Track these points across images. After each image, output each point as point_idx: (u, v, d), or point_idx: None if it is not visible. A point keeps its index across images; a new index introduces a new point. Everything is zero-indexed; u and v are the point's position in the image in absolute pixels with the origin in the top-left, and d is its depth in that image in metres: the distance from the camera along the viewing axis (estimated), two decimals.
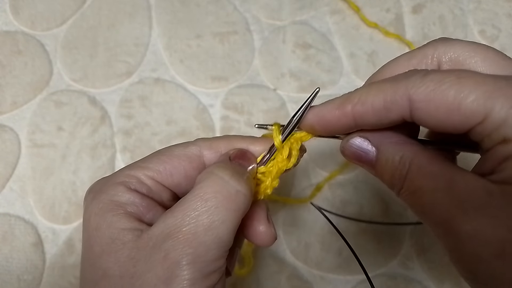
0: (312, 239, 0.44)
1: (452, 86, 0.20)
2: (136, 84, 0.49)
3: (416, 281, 0.42)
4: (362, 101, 0.23)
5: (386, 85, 0.23)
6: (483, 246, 0.20)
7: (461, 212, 0.20)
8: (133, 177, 0.26)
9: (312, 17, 0.51)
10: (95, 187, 0.26)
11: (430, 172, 0.22)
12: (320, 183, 0.45)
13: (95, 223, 0.24)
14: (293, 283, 0.42)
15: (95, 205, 0.24)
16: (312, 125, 0.26)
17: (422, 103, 0.21)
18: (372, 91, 0.23)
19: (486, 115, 0.20)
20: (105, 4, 0.52)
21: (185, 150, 0.27)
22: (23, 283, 0.42)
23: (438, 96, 0.21)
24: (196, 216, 0.22)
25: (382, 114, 0.23)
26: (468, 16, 0.51)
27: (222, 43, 0.50)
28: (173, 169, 0.26)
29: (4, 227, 0.44)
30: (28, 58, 0.50)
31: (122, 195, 0.25)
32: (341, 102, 0.24)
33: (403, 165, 0.23)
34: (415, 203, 0.23)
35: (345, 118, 0.24)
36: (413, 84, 0.22)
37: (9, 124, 0.47)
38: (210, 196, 0.23)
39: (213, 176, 0.24)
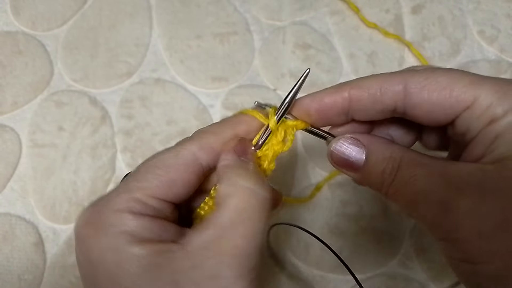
0: (312, 239, 0.44)
1: (444, 75, 0.23)
2: (137, 85, 0.49)
3: (415, 281, 0.42)
4: (360, 85, 0.25)
5: (384, 74, 0.25)
6: (483, 221, 0.20)
7: (458, 191, 0.21)
8: (134, 200, 0.23)
9: (312, 18, 0.52)
10: (92, 220, 0.23)
11: (422, 162, 0.24)
12: (320, 183, 0.45)
13: (114, 259, 0.22)
14: (293, 283, 0.42)
15: (105, 241, 0.22)
16: (308, 110, 0.26)
17: (417, 89, 0.23)
18: (370, 78, 0.25)
19: (475, 98, 0.22)
20: (105, 4, 0.52)
21: (178, 157, 0.25)
22: (24, 283, 0.42)
23: (431, 82, 0.23)
24: (235, 230, 0.22)
25: (377, 99, 0.24)
26: (468, 16, 0.51)
27: (222, 44, 0.50)
28: (172, 181, 0.24)
29: (5, 226, 0.44)
30: (29, 58, 0.50)
31: (131, 223, 0.22)
32: (339, 86, 0.25)
33: (394, 159, 0.24)
34: (407, 192, 0.23)
35: (341, 100, 0.25)
36: (409, 73, 0.24)
37: (10, 124, 0.47)
38: (243, 208, 0.22)
39: (240, 188, 0.23)
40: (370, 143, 0.26)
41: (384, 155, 0.25)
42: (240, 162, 0.25)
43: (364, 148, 0.25)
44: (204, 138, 0.26)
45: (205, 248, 0.22)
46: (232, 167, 0.25)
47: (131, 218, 0.22)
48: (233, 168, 0.25)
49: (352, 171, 0.26)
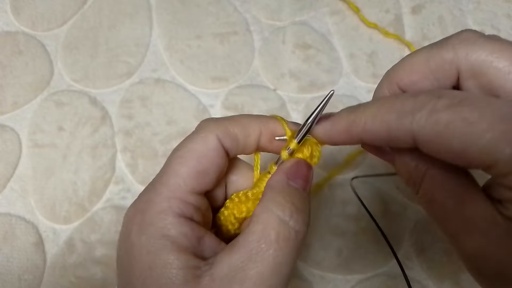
0: (312, 239, 0.44)
1: (458, 132, 0.19)
2: (137, 85, 0.49)
3: (415, 281, 0.42)
4: (368, 130, 0.23)
5: (391, 118, 0.21)
6: (483, 265, 0.21)
7: (467, 232, 0.21)
8: (176, 200, 0.23)
9: (312, 18, 0.52)
10: (136, 218, 0.24)
11: (443, 186, 0.22)
12: (320, 182, 0.45)
13: (149, 262, 0.22)
14: (293, 283, 0.42)
15: (145, 241, 0.22)
16: (322, 140, 0.26)
17: (426, 143, 0.21)
18: (377, 120, 0.22)
19: (493, 164, 0.19)
20: (105, 4, 0.52)
21: (208, 144, 0.24)
22: (24, 283, 0.42)
23: (442, 141, 0.20)
24: (262, 258, 0.22)
25: (389, 144, 0.23)
26: (468, 16, 0.51)
27: (222, 44, 0.50)
28: (207, 171, 0.24)
29: (5, 226, 0.44)
30: (29, 58, 0.50)
31: (172, 228, 0.23)
32: (347, 126, 0.24)
33: (418, 172, 0.23)
34: (428, 210, 0.23)
35: (351, 141, 0.24)
36: (417, 124, 0.20)
37: (10, 124, 0.47)
38: (273, 239, 0.22)
39: (273, 215, 0.23)
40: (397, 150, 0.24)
41: (409, 165, 0.24)
42: (285, 187, 0.25)
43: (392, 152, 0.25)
44: (230, 125, 0.25)
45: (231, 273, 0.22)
46: (274, 190, 0.24)
47: (174, 223, 0.23)
48: (274, 191, 0.24)
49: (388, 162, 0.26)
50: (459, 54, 0.23)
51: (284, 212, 0.23)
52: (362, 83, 0.49)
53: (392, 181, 0.45)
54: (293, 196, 0.24)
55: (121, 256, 0.24)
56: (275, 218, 0.23)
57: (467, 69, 0.23)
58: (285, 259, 0.22)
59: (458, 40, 0.23)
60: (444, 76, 0.24)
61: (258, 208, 0.23)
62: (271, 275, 0.21)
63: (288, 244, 0.22)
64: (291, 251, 0.22)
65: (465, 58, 0.23)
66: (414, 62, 0.25)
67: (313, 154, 0.26)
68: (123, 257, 0.24)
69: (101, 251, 0.43)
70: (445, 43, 0.24)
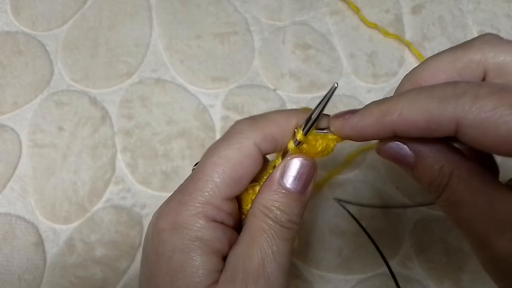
0: (312, 239, 0.44)
1: (504, 117, 0.19)
2: (137, 85, 0.49)
3: (415, 281, 0.42)
4: (404, 118, 0.22)
5: (433, 104, 0.21)
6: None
7: (499, 231, 0.21)
8: (209, 206, 0.24)
9: (312, 18, 0.52)
10: (170, 217, 0.24)
11: (470, 186, 0.22)
12: (320, 182, 0.45)
13: (181, 260, 0.23)
14: (293, 283, 0.42)
15: (178, 240, 0.23)
16: (350, 137, 0.25)
17: (472, 130, 0.20)
18: (416, 107, 0.21)
19: None
20: (105, 4, 0.52)
21: (243, 151, 0.25)
22: (24, 283, 0.42)
23: (489, 126, 0.19)
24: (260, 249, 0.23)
25: (425, 133, 0.22)
26: (468, 16, 0.51)
27: (222, 44, 0.50)
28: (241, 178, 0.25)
29: (5, 226, 0.44)
30: (29, 58, 0.50)
31: (206, 231, 0.23)
32: (380, 116, 0.23)
33: (443, 175, 0.22)
34: (452, 214, 0.23)
35: (384, 132, 0.23)
36: (462, 108, 0.20)
37: (10, 124, 0.47)
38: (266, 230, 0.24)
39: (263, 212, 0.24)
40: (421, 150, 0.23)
41: (433, 168, 0.23)
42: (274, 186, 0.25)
43: (414, 155, 0.23)
44: (266, 127, 0.25)
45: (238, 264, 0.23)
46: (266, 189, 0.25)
47: (206, 226, 0.24)
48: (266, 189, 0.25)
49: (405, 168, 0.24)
50: (486, 54, 0.23)
51: (270, 212, 0.24)
52: (362, 83, 0.49)
53: (392, 181, 0.45)
54: (279, 199, 0.24)
55: (148, 251, 0.25)
56: (265, 215, 0.24)
57: (494, 69, 0.23)
58: (279, 248, 0.23)
59: (483, 42, 0.23)
60: (471, 76, 0.23)
61: (252, 206, 0.25)
62: (270, 263, 0.23)
63: (280, 236, 0.24)
64: (284, 242, 0.24)
65: (493, 58, 0.23)
66: (440, 63, 0.24)
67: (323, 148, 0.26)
68: (151, 252, 0.24)
69: (101, 251, 0.43)
70: (471, 45, 0.24)
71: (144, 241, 0.25)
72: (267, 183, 0.25)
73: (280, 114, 0.26)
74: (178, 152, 0.46)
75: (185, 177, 0.47)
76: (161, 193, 0.45)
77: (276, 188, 0.25)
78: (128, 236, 0.43)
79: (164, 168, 0.46)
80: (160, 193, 0.45)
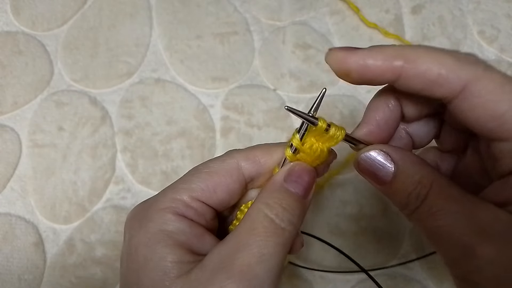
0: (312, 239, 0.44)
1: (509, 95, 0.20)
2: (137, 85, 0.49)
3: (415, 281, 0.42)
4: (417, 64, 0.21)
5: (449, 59, 0.21)
6: (504, 270, 0.20)
7: (483, 237, 0.20)
8: (179, 201, 0.24)
9: (312, 18, 0.52)
10: (139, 214, 0.25)
11: (452, 196, 0.22)
12: (320, 182, 0.45)
13: (144, 255, 0.23)
14: (293, 283, 0.42)
15: (143, 235, 0.23)
16: (350, 71, 0.23)
17: (476, 98, 0.20)
18: (431, 57, 0.21)
19: None
20: (105, 4, 0.52)
21: (223, 164, 0.26)
22: (24, 283, 0.42)
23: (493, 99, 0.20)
24: (248, 249, 0.22)
25: (430, 86, 0.21)
26: (468, 16, 0.51)
27: (222, 44, 0.50)
28: (216, 185, 0.25)
29: (5, 226, 0.44)
30: (29, 58, 0.50)
31: (171, 223, 0.24)
32: (393, 55, 0.22)
33: (423, 186, 0.22)
34: (431, 224, 0.22)
35: (391, 74, 0.22)
36: (476, 73, 0.21)
37: (10, 124, 0.47)
38: (260, 231, 0.23)
39: (261, 212, 0.24)
40: (401, 160, 0.23)
41: (413, 178, 0.23)
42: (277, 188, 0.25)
43: (394, 165, 0.23)
44: (251, 150, 0.27)
45: (219, 262, 0.22)
46: (266, 191, 0.25)
47: (172, 219, 0.24)
48: (266, 191, 0.25)
49: (377, 184, 0.24)
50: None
51: (271, 211, 0.24)
52: None
53: None
54: (282, 198, 0.24)
55: (122, 253, 0.25)
56: (263, 215, 0.23)
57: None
58: (270, 250, 0.22)
59: None
60: None
61: (250, 207, 0.24)
62: (257, 264, 0.22)
63: (274, 239, 0.23)
64: (277, 245, 0.23)
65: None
66: None
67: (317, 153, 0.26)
68: (123, 253, 0.25)
69: (101, 251, 0.43)
70: None
71: (122, 248, 0.26)
72: (268, 185, 0.25)
73: (268, 144, 0.27)
74: (178, 152, 0.46)
75: None
76: None
77: (278, 187, 0.25)
78: None
79: (164, 168, 0.46)
80: None
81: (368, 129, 0.26)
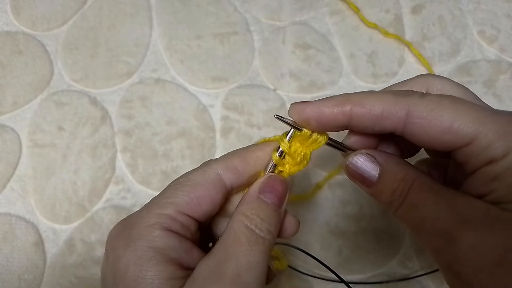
0: (312, 239, 0.44)
1: (447, 109, 0.23)
2: (137, 85, 0.49)
3: (415, 281, 0.42)
4: (362, 104, 0.24)
5: (388, 96, 0.24)
6: (485, 255, 0.21)
7: (463, 224, 0.22)
8: (165, 216, 0.24)
9: (312, 18, 0.52)
10: (123, 232, 0.24)
11: (433, 188, 0.24)
12: (320, 182, 0.45)
13: (136, 274, 0.22)
14: (293, 283, 0.42)
15: (131, 253, 0.23)
16: (308, 119, 0.26)
17: (419, 120, 0.23)
18: (373, 97, 0.24)
19: (475, 137, 0.22)
20: (105, 4, 0.52)
21: (205, 176, 0.26)
22: (24, 283, 0.42)
23: (434, 115, 0.23)
24: (236, 258, 0.23)
25: (378, 121, 0.24)
26: (468, 16, 0.51)
27: (222, 44, 0.50)
28: (200, 198, 0.26)
29: (5, 226, 0.44)
30: (29, 58, 0.50)
31: (160, 240, 0.23)
32: (341, 101, 0.25)
33: (406, 182, 0.24)
34: (415, 216, 0.24)
35: (342, 116, 0.25)
36: (413, 101, 0.23)
37: (10, 124, 0.47)
38: (243, 241, 0.24)
39: (242, 224, 0.25)
40: (385, 162, 0.26)
41: (396, 176, 0.25)
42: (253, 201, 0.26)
43: (379, 166, 0.26)
44: (229, 159, 0.27)
45: (209, 274, 0.23)
46: (244, 202, 0.26)
47: (160, 235, 0.24)
48: (244, 203, 0.26)
49: (365, 186, 0.26)
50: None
51: (251, 222, 0.25)
52: (362, 83, 0.49)
53: None
54: (260, 209, 0.26)
55: (105, 272, 0.24)
56: (244, 226, 0.25)
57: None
58: (256, 258, 0.24)
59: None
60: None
61: (231, 218, 0.25)
62: (245, 272, 0.23)
63: (257, 247, 0.24)
64: (261, 253, 0.24)
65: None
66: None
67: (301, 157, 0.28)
68: (108, 272, 0.24)
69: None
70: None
71: (101, 268, 0.25)
72: (246, 197, 0.26)
73: (242, 149, 0.28)
74: (178, 152, 0.46)
75: None
76: None
77: (255, 199, 0.26)
78: None
79: (164, 168, 0.46)
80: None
81: (355, 137, 0.28)
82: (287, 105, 0.48)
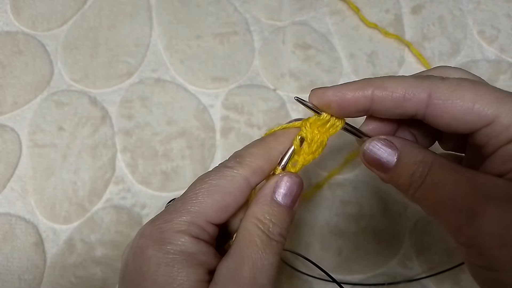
0: (312, 239, 0.44)
1: (468, 90, 0.23)
2: (137, 85, 0.49)
3: (415, 281, 0.42)
4: (384, 87, 0.25)
5: (409, 79, 0.25)
6: (508, 229, 0.21)
7: (485, 200, 0.22)
8: (195, 226, 0.25)
9: (312, 18, 0.52)
10: (154, 234, 0.25)
11: (452, 167, 0.24)
12: (321, 182, 0.45)
13: (167, 274, 0.23)
14: (293, 283, 0.42)
15: (163, 256, 0.24)
16: (330, 103, 0.26)
17: (441, 101, 0.23)
18: (395, 80, 0.25)
19: (496, 117, 0.22)
20: (105, 4, 0.52)
21: (234, 183, 0.26)
22: (24, 283, 0.42)
23: (456, 96, 0.23)
24: (252, 261, 0.24)
25: (400, 103, 0.25)
26: (468, 16, 0.51)
27: (222, 44, 0.50)
28: (228, 207, 0.26)
29: (5, 226, 0.44)
30: (29, 58, 0.50)
31: (190, 245, 0.24)
32: (363, 84, 0.25)
33: (425, 163, 0.25)
34: (435, 195, 0.24)
35: (364, 99, 0.25)
36: (434, 82, 0.24)
37: (10, 124, 0.47)
38: (258, 244, 0.25)
39: (255, 226, 0.25)
40: (403, 146, 0.26)
41: (416, 158, 0.25)
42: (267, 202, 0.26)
43: (397, 150, 0.26)
44: (254, 162, 0.27)
45: (229, 276, 0.24)
46: (258, 204, 0.26)
47: (191, 241, 0.24)
48: (257, 205, 0.26)
49: (382, 171, 0.26)
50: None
51: (263, 226, 0.25)
52: None
53: None
54: (272, 213, 0.26)
55: (129, 270, 0.25)
56: (257, 229, 0.25)
57: None
58: (270, 261, 0.24)
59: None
60: None
61: (244, 220, 0.26)
62: (260, 274, 0.24)
63: (271, 250, 0.25)
64: (274, 255, 0.25)
65: None
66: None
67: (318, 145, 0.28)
68: (132, 271, 0.24)
69: (101, 251, 0.43)
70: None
71: (123, 262, 0.26)
72: (259, 198, 0.26)
73: (260, 147, 0.28)
74: (178, 152, 0.46)
75: (185, 177, 0.47)
76: (161, 193, 0.45)
77: (269, 202, 0.26)
78: (128, 236, 0.43)
79: (164, 168, 0.46)
80: (160, 193, 0.45)
81: (373, 125, 0.28)
82: (287, 105, 0.48)
